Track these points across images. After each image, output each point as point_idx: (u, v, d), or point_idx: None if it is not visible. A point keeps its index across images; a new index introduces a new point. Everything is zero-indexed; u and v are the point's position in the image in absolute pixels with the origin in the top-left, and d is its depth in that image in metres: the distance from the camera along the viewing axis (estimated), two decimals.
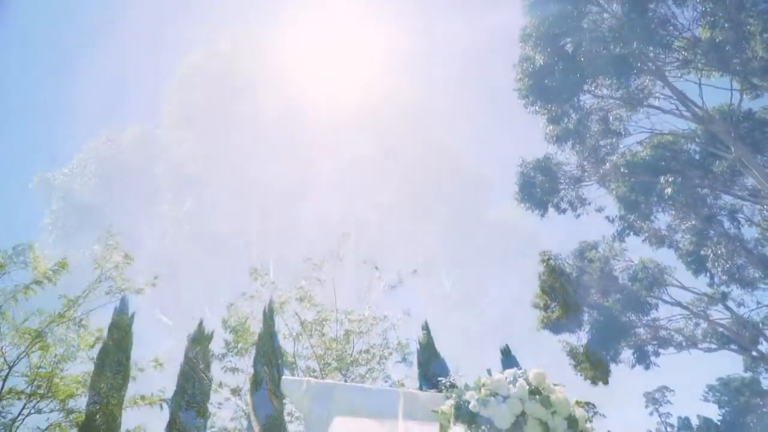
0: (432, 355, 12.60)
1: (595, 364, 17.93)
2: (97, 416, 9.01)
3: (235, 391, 11.89)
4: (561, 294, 18.17)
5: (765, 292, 18.10)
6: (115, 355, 9.69)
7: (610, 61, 13.71)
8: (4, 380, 9.06)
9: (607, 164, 17.16)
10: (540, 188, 16.91)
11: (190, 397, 10.97)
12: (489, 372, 3.52)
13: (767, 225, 16.41)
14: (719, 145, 15.40)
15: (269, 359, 10.70)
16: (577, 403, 3.60)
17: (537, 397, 3.38)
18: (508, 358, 14.24)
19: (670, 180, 14.49)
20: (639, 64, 14.20)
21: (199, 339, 11.91)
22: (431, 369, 11.96)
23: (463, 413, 3.26)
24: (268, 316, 11.25)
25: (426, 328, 13.02)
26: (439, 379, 3.57)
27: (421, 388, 10.35)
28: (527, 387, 3.39)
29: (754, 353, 19.06)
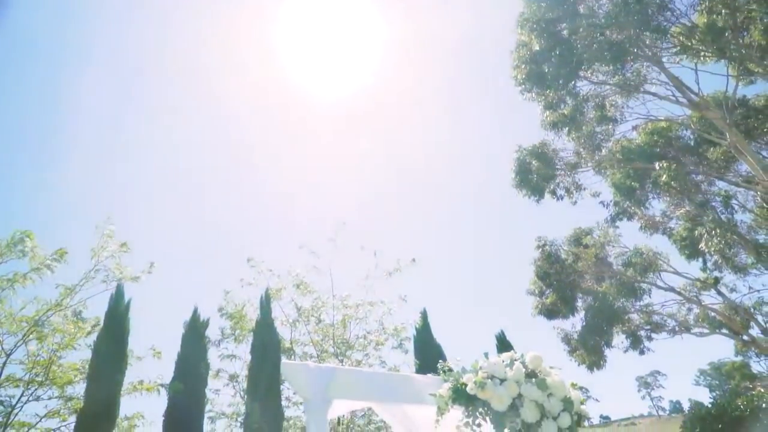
0: (428, 341, 12.72)
1: (589, 350, 18.14)
2: (96, 403, 9.07)
3: (233, 377, 11.97)
4: (556, 280, 18.32)
5: (757, 277, 18.36)
6: (112, 343, 9.73)
7: (606, 46, 13.65)
8: (2, 368, 9.09)
9: (603, 151, 17.20)
10: (536, 174, 16.93)
11: (188, 383, 11.04)
12: (486, 355, 3.57)
13: (760, 211, 16.54)
14: (713, 131, 15.45)
15: (265, 350, 10.75)
16: (572, 385, 3.67)
17: (533, 379, 3.44)
18: (504, 344, 14.42)
19: (664, 166, 14.53)
20: (635, 50, 14.15)
21: (195, 326, 11.98)
22: (427, 354, 12.08)
23: (460, 396, 3.31)
24: (265, 303, 11.31)
25: (424, 314, 13.14)
26: (439, 363, 3.61)
27: (417, 372, 10.45)
28: (524, 370, 3.45)
29: (745, 337, 19.33)
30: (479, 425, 3.23)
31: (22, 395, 9.29)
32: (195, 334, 11.89)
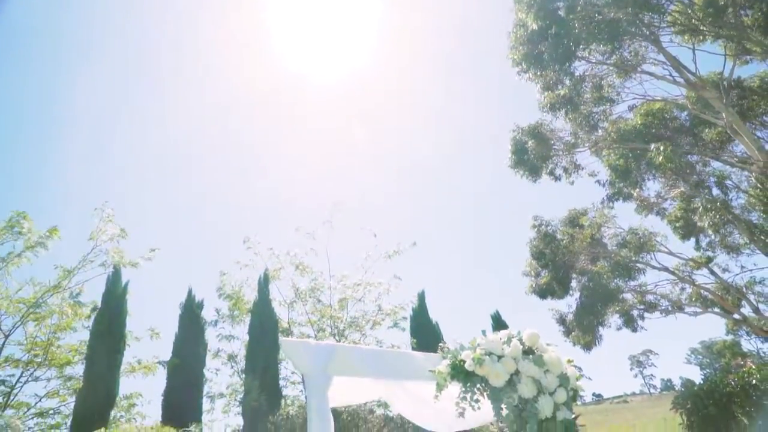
0: (425, 321, 12.85)
1: (584, 329, 18.34)
2: (95, 383, 9.14)
3: (231, 357, 12.07)
4: (551, 260, 18.43)
5: (749, 257, 18.55)
6: (110, 324, 9.78)
7: (603, 25, 13.50)
8: (1, 348, 9.13)
9: (600, 131, 17.15)
10: (533, 154, 16.87)
11: (185, 363, 11.13)
12: (484, 333, 3.61)
13: (755, 192, 16.62)
14: (708, 112, 15.43)
15: (263, 330, 10.81)
16: (568, 362, 3.72)
17: (530, 356, 3.49)
18: (499, 324, 14.58)
19: (660, 147, 14.51)
20: (633, 29, 14.02)
21: (191, 307, 12.04)
22: (424, 334, 12.21)
23: (459, 372, 3.36)
24: (263, 284, 11.35)
25: (421, 295, 13.26)
26: (440, 344, 3.65)
27: (414, 350, 10.54)
28: (521, 347, 3.49)
29: (737, 316, 19.59)
30: (477, 401, 3.27)
31: (21, 376, 9.36)
32: (191, 315, 11.96)
